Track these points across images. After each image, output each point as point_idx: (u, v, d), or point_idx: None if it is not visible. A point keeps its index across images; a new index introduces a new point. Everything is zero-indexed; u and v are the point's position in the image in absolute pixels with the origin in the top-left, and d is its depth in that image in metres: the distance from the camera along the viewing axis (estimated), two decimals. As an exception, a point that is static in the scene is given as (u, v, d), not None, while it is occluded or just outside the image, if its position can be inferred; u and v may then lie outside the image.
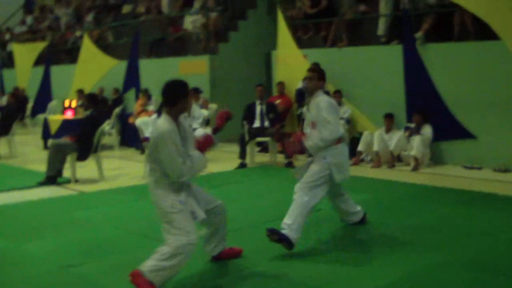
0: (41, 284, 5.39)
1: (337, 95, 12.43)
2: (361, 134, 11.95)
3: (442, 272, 5.41)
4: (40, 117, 15.73)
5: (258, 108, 12.13)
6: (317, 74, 6.60)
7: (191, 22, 17.30)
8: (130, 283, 5.03)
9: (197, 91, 13.81)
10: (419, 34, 11.40)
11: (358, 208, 7.05)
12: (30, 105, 19.93)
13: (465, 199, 8.58)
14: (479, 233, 6.73)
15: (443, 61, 11.19)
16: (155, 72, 16.55)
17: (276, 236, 6.03)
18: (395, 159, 11.38)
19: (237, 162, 11.62)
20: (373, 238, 6.60)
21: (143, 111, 14.26)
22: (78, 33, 21.34)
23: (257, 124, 12.06)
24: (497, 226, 7.01)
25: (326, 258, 5.95)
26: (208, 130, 12.63)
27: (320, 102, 6.44)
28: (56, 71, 19.59)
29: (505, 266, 5.62)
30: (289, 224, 6.10)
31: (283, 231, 6.06)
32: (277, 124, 12.01)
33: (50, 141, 10.90)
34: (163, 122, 5.03)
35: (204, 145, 5.43)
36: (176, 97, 5.10)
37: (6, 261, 6.10)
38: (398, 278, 5.31)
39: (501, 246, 6.30)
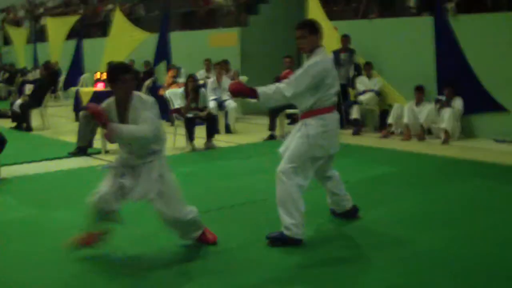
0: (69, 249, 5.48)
1: (368, 67, 12.37)
2: (391, 106, 11.88)
3: (462, 246, 5.37)
4: (72, 89, 15.87)
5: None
6: (307, 29, 5.58)
7: (221, -6, 17.30)
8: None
9: (226, 63, 13.87)
10: (450, 5, 11.25)
11: (348, 195, 6.18)
12: (62, 78, 20.13)
13: (495, 173, 8.52)
14: (506, 209, 6.65)
15: (475, 32, 11.02)
16: (186, 44, 16.62)
17: (280, 242, 5.42)
18: (425, 132, 11.30)
19: (267, 133, 11.65)
20: (395, 211, 6.56)
21: (174, 83, 14.32)
22: (109, 7, 21.43)
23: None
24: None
25: (341, 229, 5.99)
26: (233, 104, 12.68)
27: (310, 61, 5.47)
28: (88, 44, 19.73)
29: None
30: (287, 225, 5.41)
31: (286, 233, 5.41)
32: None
33: (81, 112, 10.99)
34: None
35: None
36: (109, 82, 5.23)
37: (37, 228, 6.21)
38: (417, 250, 5.29)
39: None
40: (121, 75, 5.08)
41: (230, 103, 12.66)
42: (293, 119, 13.21)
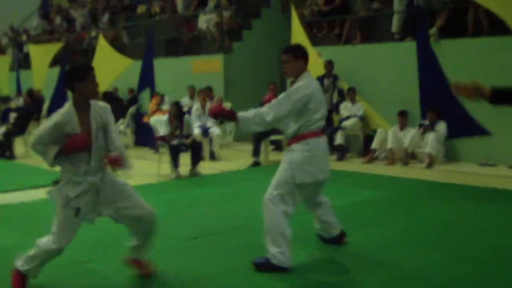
0: (55, 278, 5.44)
1: (351, 92, 12.43)
2: (375, 131, 11.93)
3: (449, 268, 5.39)
4: (56, 117, 15.77)
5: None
6: (291, 54, 5.59)
7: (205, 21, 17.35)
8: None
9: (210, 90, 13.93)
10: (433, 30, 11.37)
11: (337, 223, 6.14)
12: (46, 105, 20.03)
13: (478, 195, 8.57)
14: (490, 229, 6.71)
15: (457, 57, 11.13)
16: (170, 71, 16.62)
17: (265, 268, 5.37)
18: (409, 156, 11.35)
19: (251, 160, 11.64)
20: (381, 235, 6.59)
21: (158, 110, 14.32)
22: (93, 34, 21.44)
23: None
24: (509, 223, 6.98)
25: (329, 254, 5.99)
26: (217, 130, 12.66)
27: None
28: (72, 71, 19.65)
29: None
30: (274, 254, 5.35)
31: (272, 261, 5.35)
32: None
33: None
34: (59, 110, 4.90)
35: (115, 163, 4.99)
36: (71, 81, 4.83)
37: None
38: (404, 273, 5.30)
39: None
40: (91, 72, 4.83)
41: (215, 130, 12.67)
42: (277, 146, 13.26)
